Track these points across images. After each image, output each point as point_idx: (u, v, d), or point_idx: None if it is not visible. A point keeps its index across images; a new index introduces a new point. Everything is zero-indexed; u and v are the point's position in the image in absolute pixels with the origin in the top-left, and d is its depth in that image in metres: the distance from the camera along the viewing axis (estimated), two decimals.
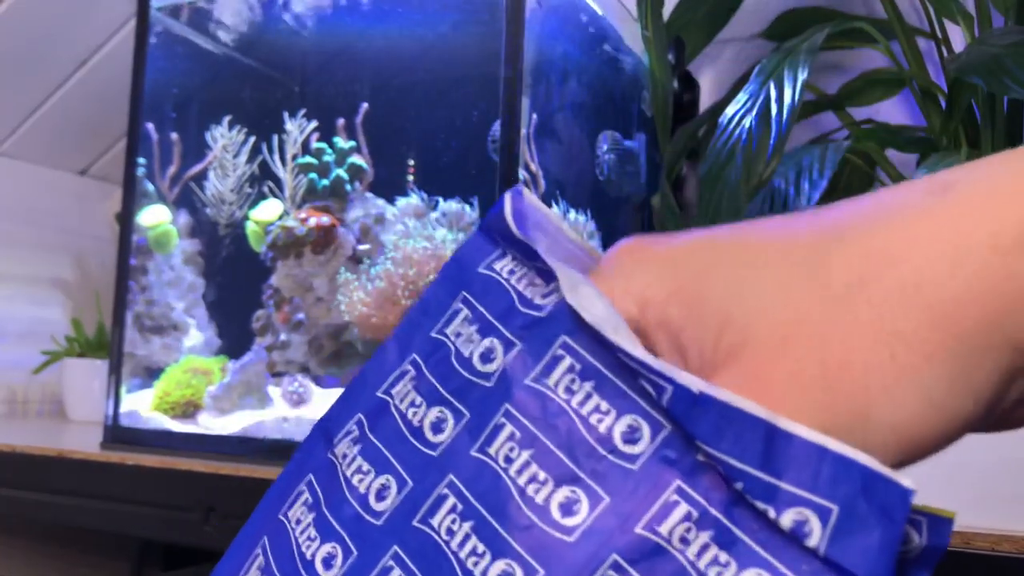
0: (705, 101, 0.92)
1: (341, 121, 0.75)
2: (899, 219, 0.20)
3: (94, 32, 1.08)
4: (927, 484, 0.45)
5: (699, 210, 0.78)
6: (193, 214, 0.83)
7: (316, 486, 0.27)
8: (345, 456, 0.26)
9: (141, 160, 0.82)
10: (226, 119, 0.80)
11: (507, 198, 0.26)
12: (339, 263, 0.74)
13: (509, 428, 0.23)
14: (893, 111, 0.83)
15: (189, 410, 0.75)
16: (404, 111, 0.75)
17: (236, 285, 0.81)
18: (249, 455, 0.69)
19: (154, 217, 0.82)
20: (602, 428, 0.22)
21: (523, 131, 0.64)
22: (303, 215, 0.75)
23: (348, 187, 0.75)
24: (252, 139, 0.79)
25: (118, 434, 0.77)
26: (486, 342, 0.25)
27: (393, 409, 0.26)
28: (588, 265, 0.26)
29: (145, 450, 0.71)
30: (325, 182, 0.76)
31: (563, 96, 0.74)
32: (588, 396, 0.23)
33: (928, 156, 0.64)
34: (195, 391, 0.75)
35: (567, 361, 0.23)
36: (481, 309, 0.26)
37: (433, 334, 0.27)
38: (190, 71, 0.83)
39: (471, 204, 0.72)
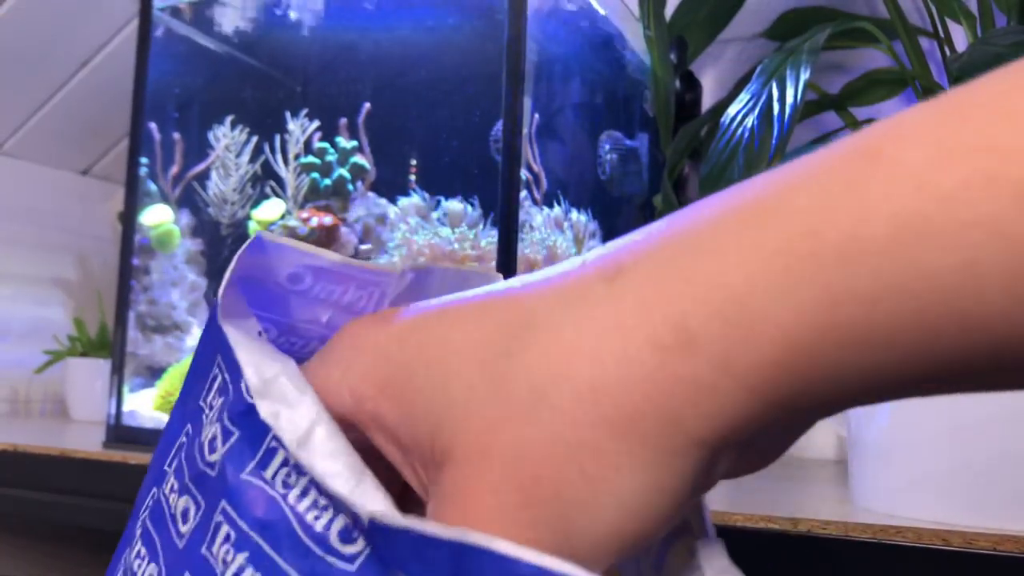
0: (707, 101, 0.92)
1: (343, 121, 0.75)
2: (578, 309, 0.19)
3: (96, 32, 1.08)
4: (928, 484, 0.46)
5: None
6: (195, 214, 0.83)
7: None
8: (134, 535, 0.25)
9: (143, 160, 0.82)
10: (228, 119, 0.80)
11: (237, 259, 0.23)
12: None
13: (225, 528, 0.21)
14: (895, 111, 0.83)
15: None
16: (406, 111, 0.75)
17: None
18: None
19: (156, 217, 0.82)
20: (319, 526, 0.20)
21: (525, 131, 0.64)
22: (305, 215, 0.75)
23: (350, 187, 0.75)
24: (254, 139, 0.79)
25: (120, 433, 0.77)
26: (214, 428, 0.23)
27: (165, 489, 0.25)
28: (374, 290, 0.24)
29: (147, 449, 0.71)
30: (327, 182, 0.76)
31: (565, 96, 0.74)
32: (305, 491, 0.21)
33: None
34: None
35: (281, 454, 0.21)
36: (227, 376, 0.23)
37: (200, 402, 0.25)
38: (192, 71, 0.83)
39: (472, 204, 0.72)
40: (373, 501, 0.19)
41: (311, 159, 0.76)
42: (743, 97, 0.66)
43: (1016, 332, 0.15)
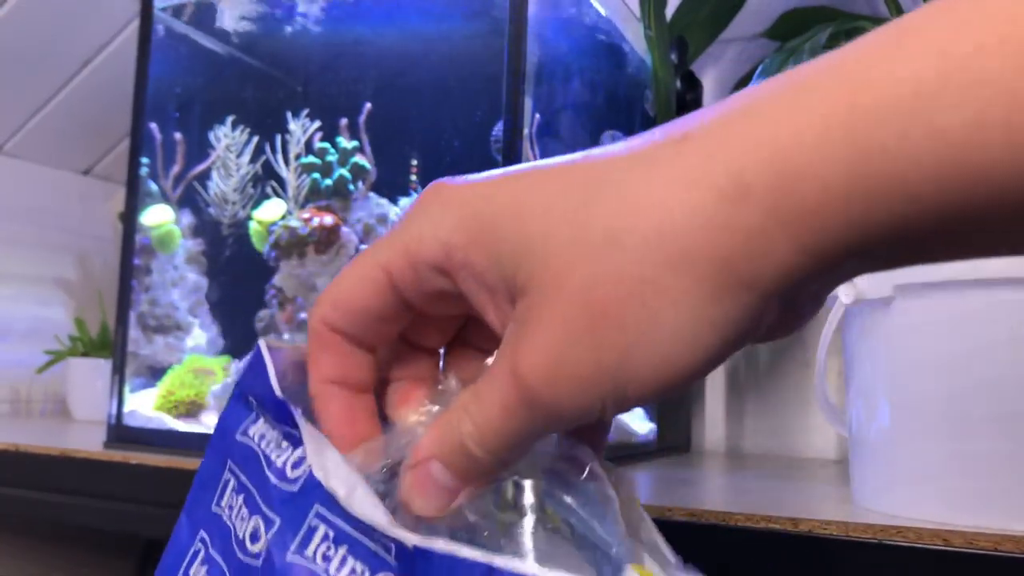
0: (708, 101, 0.92)
1: (344, 121, 0.75)
2: (649, 167, 0.22)
3: (97, 32, 1.08)
4: (929, 484, 0.46)
5: None
6: (196, 214, 0.83)
7: None
8: None
9: (144, 160, 0.82)
10: (229, 119, 0.80)
11: (267, 361, 0.27)
12: (342, 263, 0.74)
13: None
14: None
15: (192, 409, 0.75)
16: (407, 111, 0.75)
17: (239, 285, 0.81)
18: None
19: (157, 217, 0.82)
20: None
21: (526, 131, 0.64)
22: (306, 215, 0.75)
23: (351, 187, 0.75)
24: (255, 139, 0.79)
25: (121, 433, 0.77)
26: (252, 521, 0.26)
27: None
28: None
29: (148, 449, 0.71)
30: (328, 182, 0.76)
31: (566, 96, 0.74)
32: (344, 560, 0.24)
33: None
34: (198, 391, 0.76)
35: (321, 530, 0.24)
36: (243, 478, 0.27)
37: (213, 508, 0.28)
38: (193, 71, 0.83)
39: None
40: (409, 536, 0.22)
41: (312, 159, 0.76)
42: None
43: (1014, 182, 0.18)
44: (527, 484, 0.25)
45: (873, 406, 0.47)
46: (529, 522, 0.25)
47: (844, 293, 0.46)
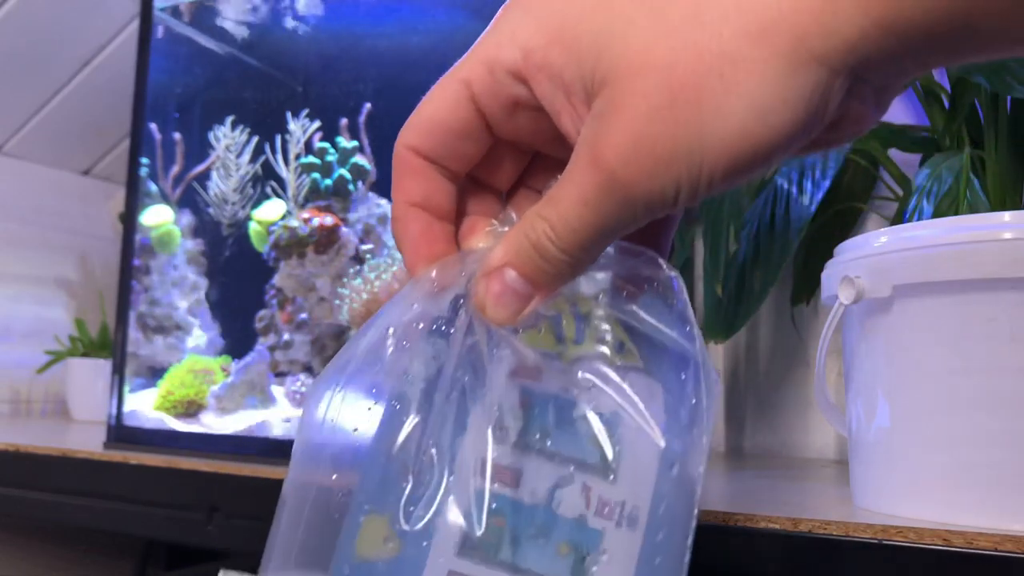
0: None
1: (344, 121, 0.75)
2: None
3: (97, 32, 1.08)
4: (929, 484, 0.46)
5: (701, 210, 0.78)
6: (196, 214, 0.83)
7: None
8: None
9: (144, 160, 0.82)
10: (229, 119, 0.80)
11: None
12: (342, 263, 0.74)
13: None
14: (896, 111, 0.83)
15: (192, 409, 0.75)
16: (407, 111, 0.75)
17: (239, 285, 0.81)
18: (252, 455, 0.69)
19: (157, 217, 0.82)
20: None
21: None
22: (306, 215, 0.75)
23: (351, 187, 0.75)
24: (255, 139, 0.79)
25: (121, 433, 0.77)
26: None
27: None
28: None
29: (148, 449, 0.71)
30: (328, 182, 0.76)
31: None
32: None
33: (931, 156, 0.64)
34: (198, 391, 0.76)
35: None
36: None
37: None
38: (193, 71, 0.83)
39: None
40: None
41: (312, 159, 0.76)
42: None
43: None
44: (597, 312, 0.27)
45: (873, 406, 0.47)
46: (596, 350, 0.27)
47: (844, 293, 0.46)
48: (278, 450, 0.69)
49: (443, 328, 0.28)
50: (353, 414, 0.28)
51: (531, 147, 0.30)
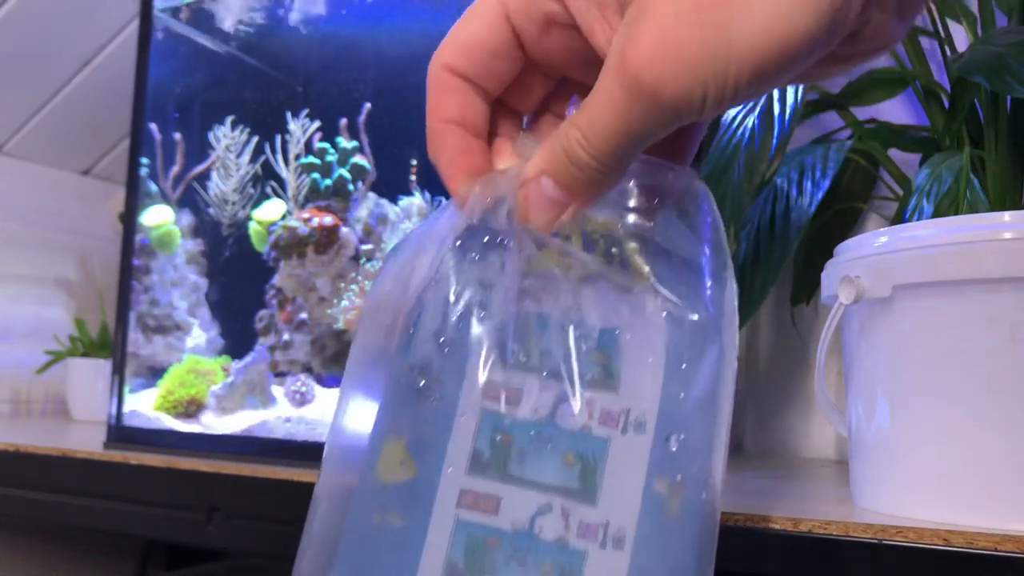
0: None
1: (344, 121, 0.75)
2: None
3: (97, 32, 1.08)
4: (929, 484, 0.45)
5: None
6: (196, 214, 0.83)
7: None
8: None
9: (144, 160, 0.82)
10: (229, 119, 0.80)
11: None
12: (342, 263, 0.74)
13: None
14: (896, 111, 0.83)
15: (192, 410, 0.75)
16: (407, 111, 0.75)
17: (239, 285, 0.81)
18: (252, 455, 0.69)
19: (157, 217, 0.82)
20: None
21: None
22: (306, 215, 0.75)
23: (351, 187, 0.75)
24: (255, 139, 0.79)
25: (121, 434, 0.77)
26: None
27: None
28: None
29: (148, 449, 0.71)
30: (328, 182, 0.76)
31: None
32: None
33: (931, 156, 0.64)
34: (198, 391, 0.76)
35: None
36: None
37: None
38: (193, 71, 0.83)
39: None
40: None
41: (312, 159, 0.76)
42: None
43: None
44: (611, 229, 0.29)
45: (873, 406, 0.47)
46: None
47: (844, 293, 0.46)
48: (278, 450, 0.69)
49: (466, 244, 0.29)
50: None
51: (560, 70, 0.32)
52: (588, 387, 0.28)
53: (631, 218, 0.29)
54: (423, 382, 0.28)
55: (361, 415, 0.29)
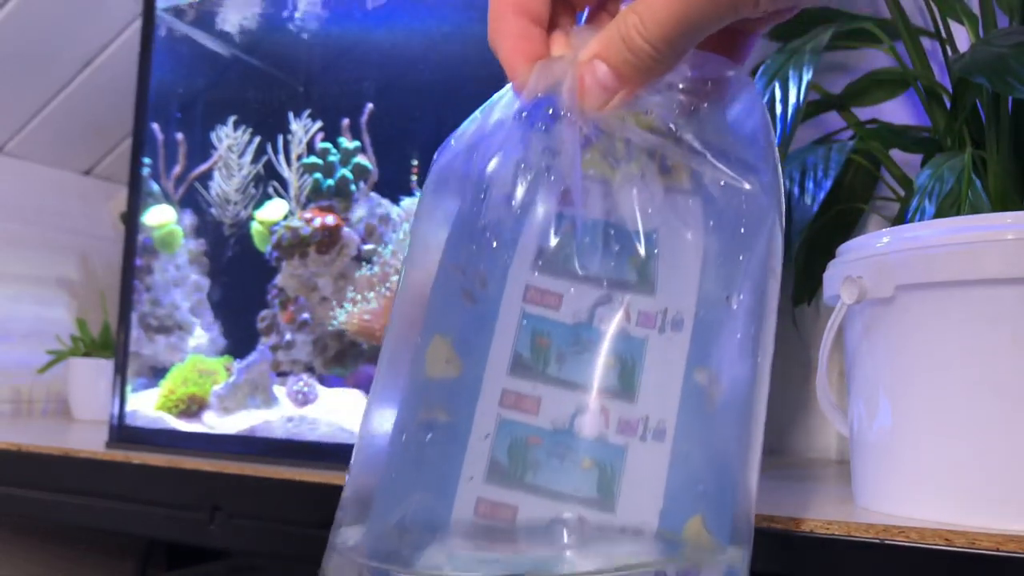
0: None
1: (346, 121, 0.75)
2: None
3: (99, 32, 1.09)
4: (931, 484, 0.45)
5: None
6: (198, 214, 0.83)
7: None
8: None
9: (146, 160, 0.82)
10: (231, 119, 0.80)
11: None
12: (344, 263, 0.74)
13: None
14: (897, 111, 0.83)
15: (195, 408, 0.75)
16: (409, 111, 0.75)
17: (241, 285, 0.81)
18: (255, 454, 0.69)
19: (159, 217, 0.82)
20: None
21: None
22: (308, 215, 0.75)
23: (353, 187, 0.75)
24: (257, 139, 0.79)
25: (123, 433, 0.77)
26: None
27: None
28: None
29: (150, 449, 0.71)
30: (330, 182, 0.76)
31: None
32: None
33: (933, 156, 0.64)
34: (200, 390, 0.76)
35: None
36: None
37: None
38: (195, 71, 0.84)
39: None
40: None
41: (314, 159, 0.76)
42: None
43: None
44: (652, 129, 0.30)
45: (875, 406, 0.47)
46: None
47: (846, 293, 0.46)
48: (280, 450, 0.69)
49: (532, 115, 0.30)
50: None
51: None
52: (626, 291, 0.28)
53: (687, 102, 0.29)
54: (470, 283, 0.29)
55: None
